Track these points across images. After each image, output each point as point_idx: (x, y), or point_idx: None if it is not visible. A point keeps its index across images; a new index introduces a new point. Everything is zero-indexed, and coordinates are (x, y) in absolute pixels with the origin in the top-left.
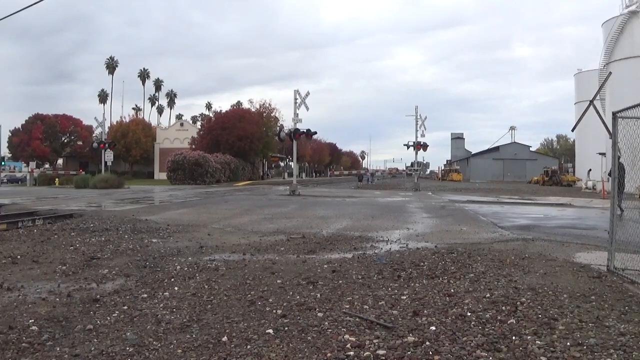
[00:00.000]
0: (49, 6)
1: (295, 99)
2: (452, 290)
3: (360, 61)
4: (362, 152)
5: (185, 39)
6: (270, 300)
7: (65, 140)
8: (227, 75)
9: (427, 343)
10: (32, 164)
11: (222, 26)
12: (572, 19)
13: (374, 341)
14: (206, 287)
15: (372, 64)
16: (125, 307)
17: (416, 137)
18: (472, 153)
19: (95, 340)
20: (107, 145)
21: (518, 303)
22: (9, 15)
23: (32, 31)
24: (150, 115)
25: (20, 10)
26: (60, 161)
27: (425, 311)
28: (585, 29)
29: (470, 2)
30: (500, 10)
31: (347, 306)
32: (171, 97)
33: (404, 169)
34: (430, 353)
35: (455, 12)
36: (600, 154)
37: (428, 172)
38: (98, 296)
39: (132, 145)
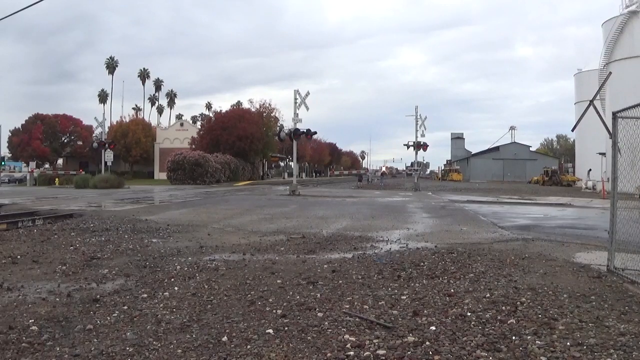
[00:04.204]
0: (53, 6)
1: (295, 99)
2: (452, 290)
3: (363, 61)
4: (362, 152)
5: (188, 39)
6: (270, 300)
7: (65, 140)
8: (229, 75)
9: (427, 343)
10: (32, 164)
11: (226, 26)
12: (575, 19)
13: (374, 341)
14: (206, 287)
15: (374, 64)
16: (125, 307)
17: (416, 137)
18: (472, 153)
19: (95, 340)
20: (107, 145)
21: (518, 303)
22: (9, 15)
23: (35, 31)
24: (150, 115)
25: (22, 10)
26: (60, 161)
27: (425, 311)
28: (588, 29)
29: (474, 2)
30: (504, 10)
31: (347, 306)
32: (171, 97)
33: (404, 168)
34: (430, 353)
35: (458, 12)
36: (600, 154)
37: (428, 172)
38: (98, 296)
39: (132, 145)
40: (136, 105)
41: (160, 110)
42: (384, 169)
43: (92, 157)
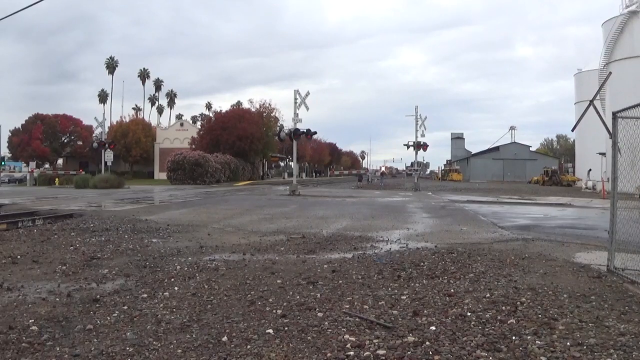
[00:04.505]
0: (53, 6)
1: (295, 99)
2: (452, 290)
3: (363, 61)
4: (362, 152)
5: (188, 39)
6: (270, 300)
7: (65, 140)
8: (229, 75)
9: (427, 343)
10: (32, 164)
11: (226, 26)
12: (575, 19)
13: (374, 341)
14: (206, 287)
15: (374, 64)
16: (125, 307)
17: (416, 137)
18: (472, 153)
19: (95, 340)
20: (107, 145)
21: (518, 303)
22: (10, 15)
23: (35, 31)
24: (150, 115)
25: (22, 10)
26: (60, 161)
27: (425, 311)
28: (588, 29)
29: (474, 2)
30: (504, 10)
31: (347, 306)
32: (171, 97)
33: (404, 168)
34: (430, 353)
35: (458, 12)
36: (600, 154)
37: (428, 172)
38: (98, 296)
39: (132, 145)
40: (136, 105)
41: (160, 110)
42: (383, 169)
43: (92, 157)
